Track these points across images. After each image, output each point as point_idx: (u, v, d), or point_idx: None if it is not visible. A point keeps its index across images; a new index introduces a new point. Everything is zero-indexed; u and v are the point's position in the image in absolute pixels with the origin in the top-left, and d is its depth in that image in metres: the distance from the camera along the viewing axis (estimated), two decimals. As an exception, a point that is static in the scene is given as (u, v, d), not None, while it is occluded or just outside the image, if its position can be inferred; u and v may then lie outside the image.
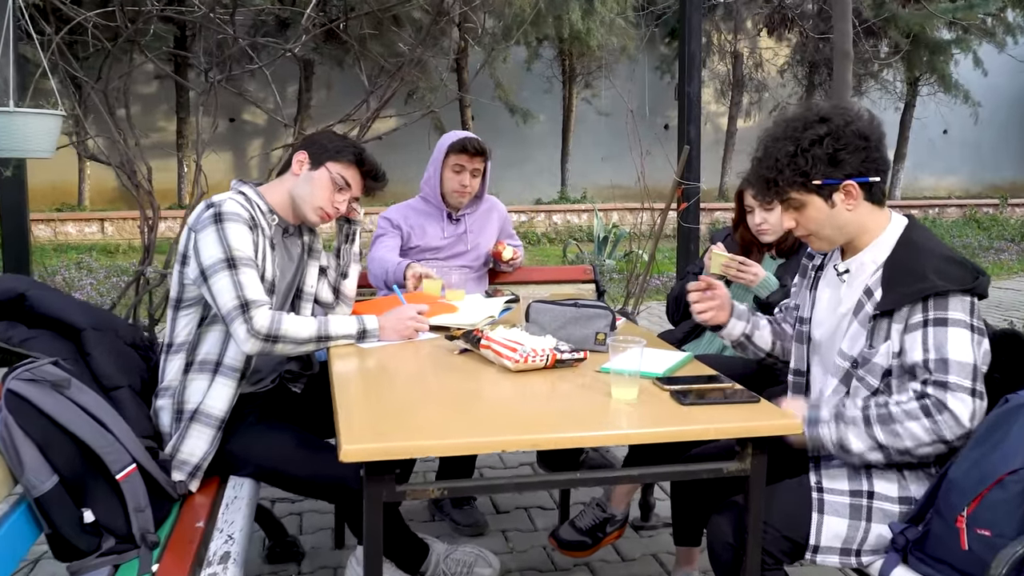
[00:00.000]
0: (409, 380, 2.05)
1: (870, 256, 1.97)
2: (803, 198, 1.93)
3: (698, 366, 2.24)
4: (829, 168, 1.89)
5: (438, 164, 3.38)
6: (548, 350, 2.12)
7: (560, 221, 13.60)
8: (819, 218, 1.95)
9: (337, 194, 2.47)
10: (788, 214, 1.99)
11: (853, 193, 1.91)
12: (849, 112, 1.93)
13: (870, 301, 1.93)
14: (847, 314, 2.00)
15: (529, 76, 15.99)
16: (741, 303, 2.37)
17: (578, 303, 2.35)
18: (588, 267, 4.02)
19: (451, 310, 2.67)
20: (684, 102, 4.63)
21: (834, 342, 2.04)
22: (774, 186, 1.94)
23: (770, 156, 1.93)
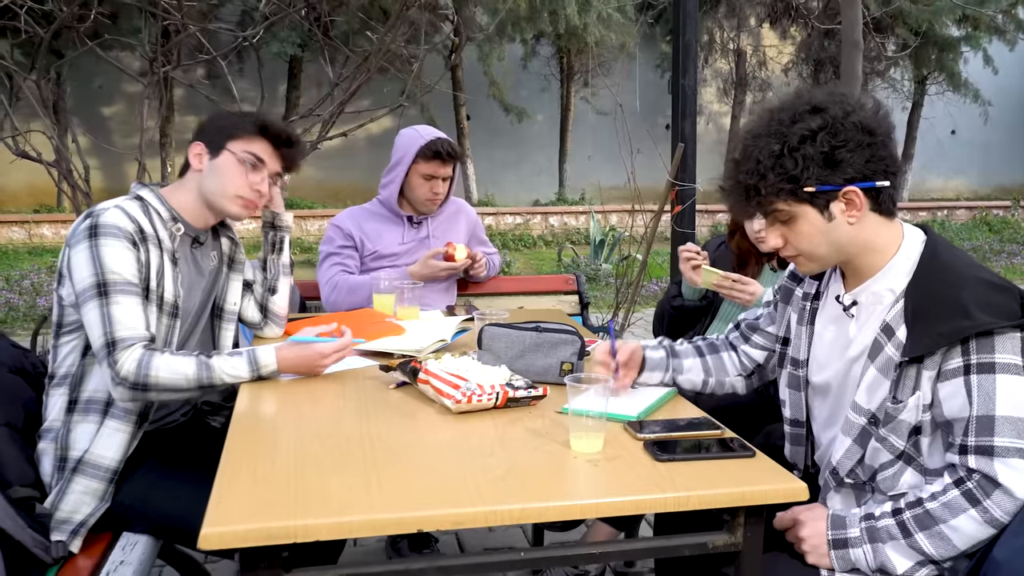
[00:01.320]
0: (323, 427, 1.68)
1: (884, 284, 1.59)
2: (792, 209, 1.55)
3: (682, 404, 1.87)
4: (824, 171, 1.51)
5: (403, 168, 3.00)
6: (498, 386, 1.76)
7: (557, 223, 13.24)
8: (813, 234, 1.57)
9: (252, 174, 2.11)
10: (774, 229, 1.62)
11: (856, 202, 1.53)
12: (849, 100, 1.55)
13: (891, 342, 1.55)
14: (860, 358, 1.62)
15: (526, 74, 15.64)
16: (727, 323, 2.02)
17: (540, 327, 1.98)
18: (570, 277, 3.65)
19: (397, 331, 2.30)
20: (678, 95, 4.27)
21: (844, 391, 1.67)
22: (755, 195, 1.56)
23: (750, 157, 1.55)
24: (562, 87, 16.14)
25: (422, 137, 2.98)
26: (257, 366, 1.94)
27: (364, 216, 3.10)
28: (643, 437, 1.58)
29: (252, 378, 1.95)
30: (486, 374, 1.84)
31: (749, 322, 1.96)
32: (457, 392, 1.72)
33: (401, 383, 1.93)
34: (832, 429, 1.72)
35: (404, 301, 2.56)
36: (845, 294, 1.65)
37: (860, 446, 1.59)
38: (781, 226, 1.60)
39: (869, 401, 1.58)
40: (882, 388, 1.55)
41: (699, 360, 1.95)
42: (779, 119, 1.55)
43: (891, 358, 1.54)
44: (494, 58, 14.36)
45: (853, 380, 1.63)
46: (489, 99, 15.22)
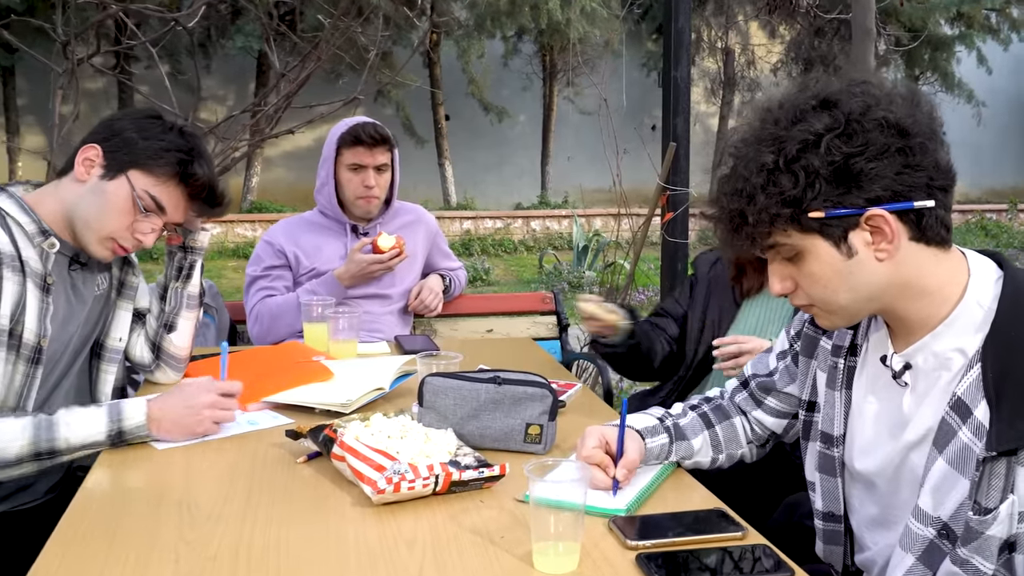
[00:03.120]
0: (190, 529, 1.23)
1: (949, 342, 1.14)
2: (797, 243, 1.13)
3: (683, 479, 1.43)
4: (836, 189, 1.08)
5: (330, 165, 2.56)
6: (438, 466, 1.31)
7: (539, 228, 12.80)
8: (827, 276, 1.14)
9: (141, 221, 1.66)
10: (779, 269, 1.19)
11: (885, 231, 1.09)
12: (872, 91, 1.11)
13: (967, 425, 1.10)
14: (921, 444, 1.18)
15: (507, 73, 15.23)
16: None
17: (499, 377, 1.53)
18: (548, 294, 3.21)
19: (323, 376, 1.85)
20: (670, 90, 3.83)
21: (898, 487, 1.23)
22: (743, 224, 1.14)
23: (736, 173, 1.14)
24: (544, 86, 15.73)
25: (345, 124, 2.54)
26: (119, 424, 1.48)
27: (301, 228, 2.65)
28: (636, 546, 1.14)
29: (111, 442, 1.49)
30: (426, 444, 1.39)
31: (761, 380, 1.51)
32: (380, 476, 1.27)
33: (314, 455, 1.48)
34: (884, 533, 1.28)
35: (339, 333, 2.10)
36: (894, 355, 1.21)
37: (928, 567, 1.15)
38: (786, 265, 1.17)
39: (938, 507, 1.13)
40: (957, 489, 1.11)
41: (707, 433, 1.51)
42: (776, 119, 1.12)
43: (969, 448, 1.10)
44: (473, 55, 13.92)
45: (912, 474, 1.19)
46: (469, 99, 14.79)
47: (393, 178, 2.66)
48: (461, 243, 11.56)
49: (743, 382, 1.55)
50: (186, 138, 1.71)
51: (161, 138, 1.68)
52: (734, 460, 1.54)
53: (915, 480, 1.18)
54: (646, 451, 1.41)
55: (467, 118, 15.23)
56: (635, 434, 1.41)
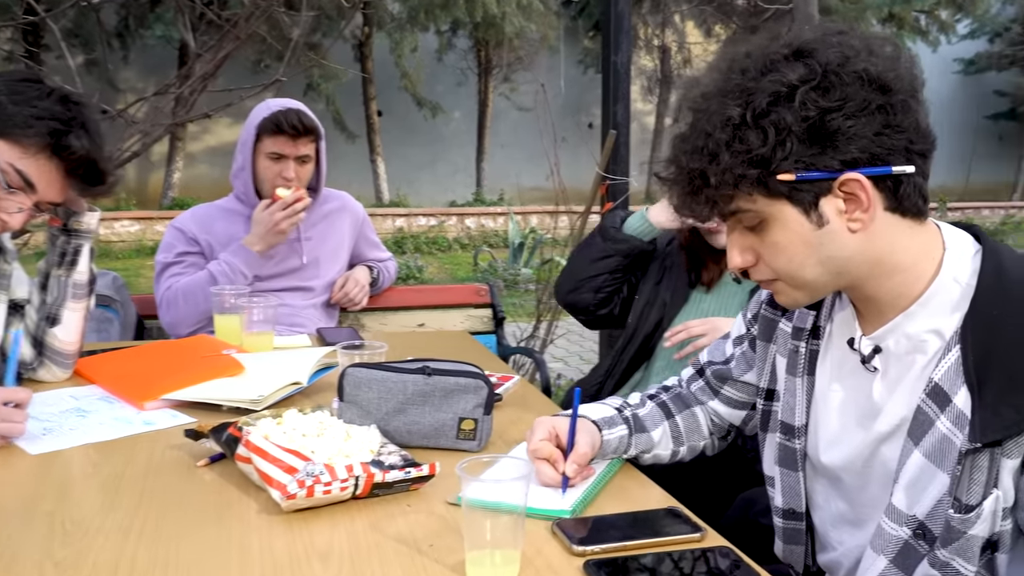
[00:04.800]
0: (62, 542, 1.06)
1: (924, 323, 1.04)
2: (762, 209, 1.02)
3: (631, 475, 1.31)
4: (810, 149, 0.97)
5: (248, 149, 2.39)
6: (359, 467, 1.16)
7: (474, 225, 12.67)
8: (794, 247, 1.03)
9: (6, 197, 1.47)
10: (739, 239, 1.08)
11: (861, 198, 0.99)
12: (850, 41, 1.00)
13: (946, 413, 1.01)
14: (894, 436, 1.08)
15: (442, 68, 15.08)
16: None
17: (429, 368, 1.39)
18: (483, 287, 3.07)
19: (232, 371, 1.68)
20: (609, 75, 3.74)
21: (868, 482, 1.13)
22: (704, 186, 1.02)
23: (697, 129, 1.02)
24: (480, 81, 15.62)
25: (268, 108, 2.37)
26: None
27: (213, 215, 2.47)
28: (584, 552, 1.02)
29: None
30: (346, 442, 1.25)
31: (717, 368, 1.41)
32: (291, 479, 1.12)
33: (217, 456, 1.32)
34: (852, 531, 1.18)
35: (253, 325, 1.94)
36: (862, 337, 1.12)
37: (902, 570, 1.05)
38: (748, 235, 1.06)
39: (914, 504, 1.04)
40: (935, 485, 1.02)
41: (667, 424, 1.40)
42: (743, 69, 1.00)
43: (948, 439, 1.00)
44: (406, 48, 13.72)
45: (883, 469, 1.09)
46: (402, 94, 14.59)
47: (319, 168, 2.51)
48: (393, 241, 11.36)
49: (699, 370, 1.44)
50: (67, 106, 1.52)
51: (34, 104, 1.48)
52: (696, 452, 1.43)
53: (887, 475, 1.09)
54: (603, 444, 1.29)
55: (400, 114, 15.02)
56: (591, 425, 1.29)
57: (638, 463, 1.37)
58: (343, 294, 2.59)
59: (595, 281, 2.11)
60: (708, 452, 1.45)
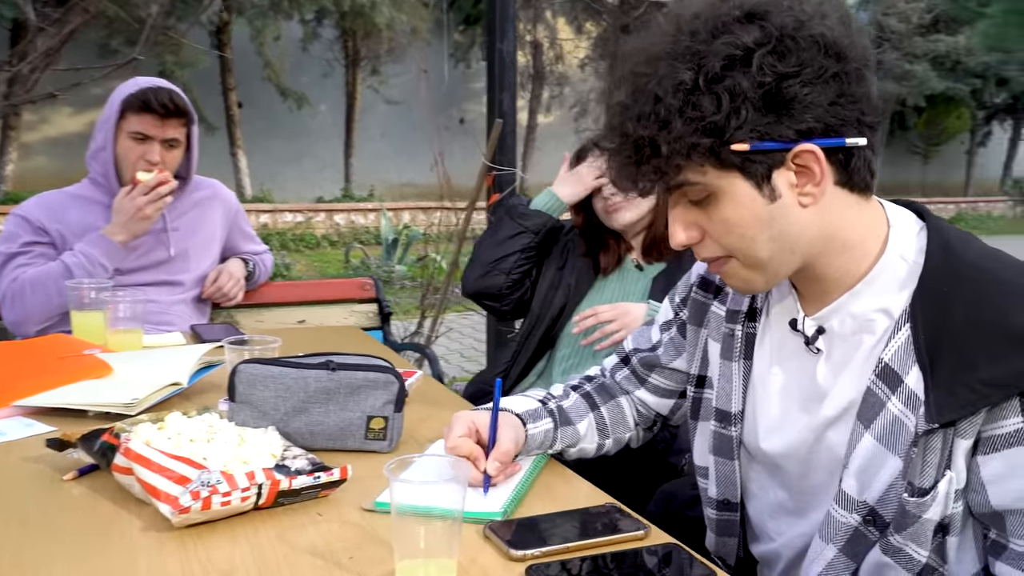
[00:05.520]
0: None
1: (870, 301, 1.02)
2: (711, 182, 0.97)
3: (557, 471, 1.25)
4: (765, 117, 0.93)
5: (109, 128, 2.18)
6: (261, 473, 1.04)
7: (343, 222, 12.38)
8: (745, 223, 0.98)
9: None
10: (683, 214, 1.02)
11: (814, 171, 0.96)
12: (802, 5, 0.96)
13: (897, 394, 0.99)
14: (842, 420, 1.05)
15: (307, 58, 14.68)
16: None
17: (332, 362, 1.28)
18: (367, 280, 2.95)
19: (98, 372, 1.51)
20: (495, 63, 3.68)
21: (813, 468, 1.10)
22: (651, 156, 0.96)
23: (645, 93, 0.96)
24: (347, 73, 15.30)
25: (136, 84, 2.18)
26: None
27: (65, 203, 2.24)
28: (524, 556, 0.94)
29: None
30: (241, 447, 1.13)
31: (644, 355, 1.36)
32: (183, 491, 0.99)
33: (87, 468, 1.16)
34: (791, 521, 1.15)
35: (118, 322, 1.76)
36: (805, 318, 1.09)
37: (851, 558, 1.03)
38: (692, 209, 1.01)
39: (864, 490, 1.01)
40: (886, 469, 1.00)
41: (592, 416, 1.34)
42: (693, 31, 0.95)
43: (900, 421, 0.98)
44: (269, 36, 13.27)
45: (829, 455, 1.07)
46: (264, 85, 14.10)
47: (189, 156, 2.32)
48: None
49: (623, 358, 1.39)
50: None
51: None
52: (621, 445, 1.38)
53: (833, 461, 1.06)
54: (528, 439, 1.22)
55: (262, 106, 14.51)
56: (514, 419, 1.21)
57: (563, 458, 1.31)
58: (216, 288, 2.41)
59: (506, 262, 2.05)
60: (633, 444, 1.40)
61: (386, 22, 13.11)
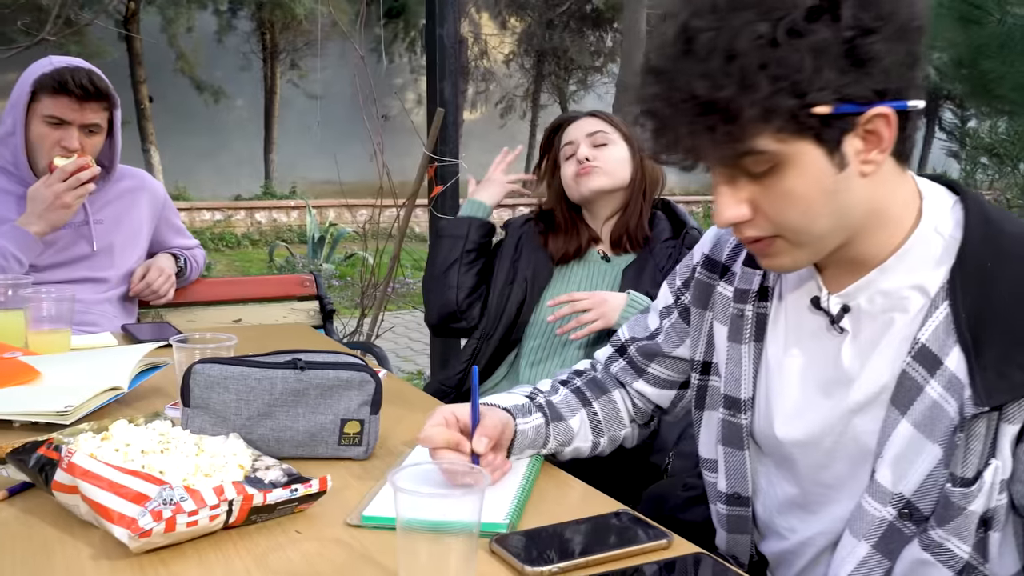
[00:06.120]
0: None
1: (903, 277, 0.95)
2: (784, 150, 0.87)
3: (554, 475, 1.15)
4: (846, 76, 0.84)
5: (20, 111, 2.00)
6: (231, 487, 0.92)
7: (265, 220, 12.04)
8: (810, 195, 0.89)
9: None
10: (735, 189, 0.92)
11: (882, 136, 0.88)
12: None
13: (936, 378, 0.92)
14: (872, 405, 0.98)
15: (222, 51, 14.26)
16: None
17: (300, 360, 1.16)
18: (307, 277, 2.80)
19: (23, 377, 1.35)
20: (435, 49, 3.57)
21: (836, 459, 1.03)
22: (725, 122, 0.84)
23: (713, 51, 0.83)
24: (265, 66, 14.91)
25: (51, 64, 2.00)
26: None
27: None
28: (540, 573, 0.85)
29: None
30: (201, 458, 1.00)
31: (642, 344, 1.28)
32: (142, 511, 0.86)
33: (18, 488, 1.02)
34: (805, 518, 1.08)
35: (42, 322, 1.59)
36: (828, 295, 1.02)
37: (886, 556, 0.97)
38: (748, 183, 0.91)
39: (900, 481, 0.95)
40: (924, 458, 0.93)
41: (584, 413, 1.25)
42: None
43: (940, 406, 0.92)
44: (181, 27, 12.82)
45: (857, 443, 1.00)
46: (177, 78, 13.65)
47: (112, 142, 2.15)
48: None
49: (619, 348, 1.31)
50: None
51: None
52: (616, 443, 1.30)
53: (859, 450, 0.99)
54: (518, 435, 1.12)
55: (174, 100, 14.05)
56: (500, 412, 1.12)
57: (556, 460, 1.22)
58: (144, 285, 2.24)
59: (449, 277, 1.98)
60: (628, 443, 1.32)
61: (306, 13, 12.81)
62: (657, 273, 1.83)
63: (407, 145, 6.90)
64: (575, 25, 16.06)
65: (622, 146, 1.89)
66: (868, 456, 0.98)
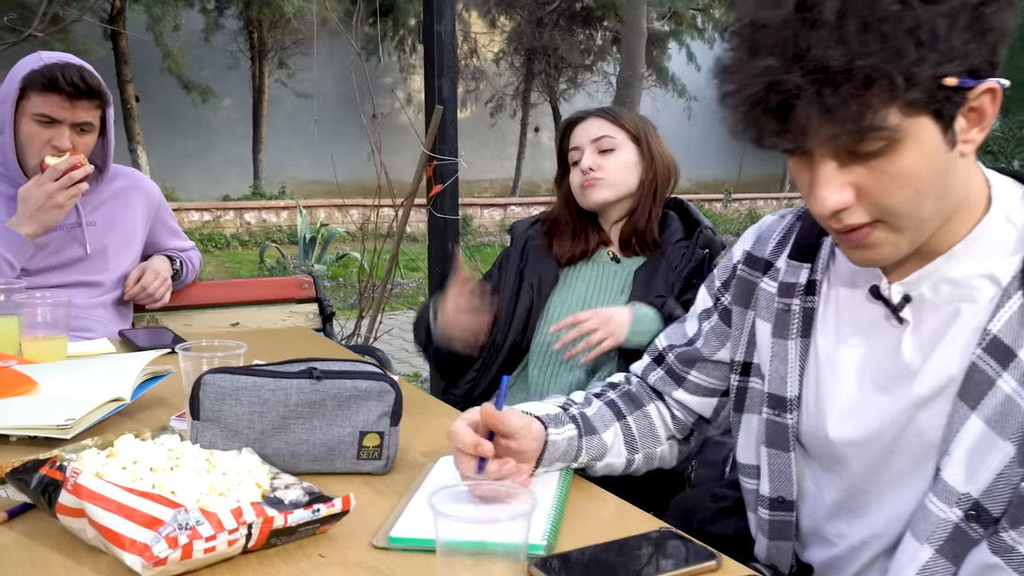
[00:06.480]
0: None
1: (973, 265, 0.91)
2: (903, 126, 0.80)
3: (585, 489, 1.10)
4: (968, 47, 0.78)
5: (8, 110, 1.94)
6: (250, 509, 0.86)
7: (254, 220, 11.93)
8: (924, 175, 0.83)
9: None
10: (839, 172, 0.85)
11: (987, 112, 0.84)
12: None
13: (1010, 370, 0.87)
14: (936, 398, 0.93)
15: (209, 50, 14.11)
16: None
17: (316, 369, 1.10)
18: (306, 278, 2.74)
19: (19, 387, 1.28)
20: (433, 46, 3.50)
21: (895, 457, 0.98)
22: (860, 92, 0.77)
23: (844, 14, 0.76)
24: (253, 66, 14.77)
25: (40, 60, 1.93)
26: None
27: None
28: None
29: None
30: (213, 475, 0.94)
31: (681, 351, 1.22)
32: (156, 537, 0.80)
33: (18, 509, 0.95)
34: (855, 522, 1.03)
35: (37, 328, 1.52)
36: (888, 285, 0.96)
37: (951, 561, 0.92)
38: (854, 165, 0.84)
39: (969, 480, 0.90)
40: (995, 456, 0.88)
41: (618, 427, 1.19)
42: None
43: (1013, 401, 0.87)
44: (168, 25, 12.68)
45: (919, 440, 0.95)
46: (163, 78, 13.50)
47: (106, 141, 2.09)
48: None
49: (656, 357, 1.25)
50: None
51: None
52: (652, 463, 1.24)
53: (922, 447, 0.95)
54: (549, 445, 1.07)
55: (161, 100, 13.90)
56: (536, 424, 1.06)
57: (585, 474, 1.16)
58: (139, 288, 2.18)
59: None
60: (666, 463, 1.26)
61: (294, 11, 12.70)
62: (671, 274, 1.78)
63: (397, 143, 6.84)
64: (565, 23, 15.99)
65: (629, 149, 1.84)
66: (931, 452, 0.94)
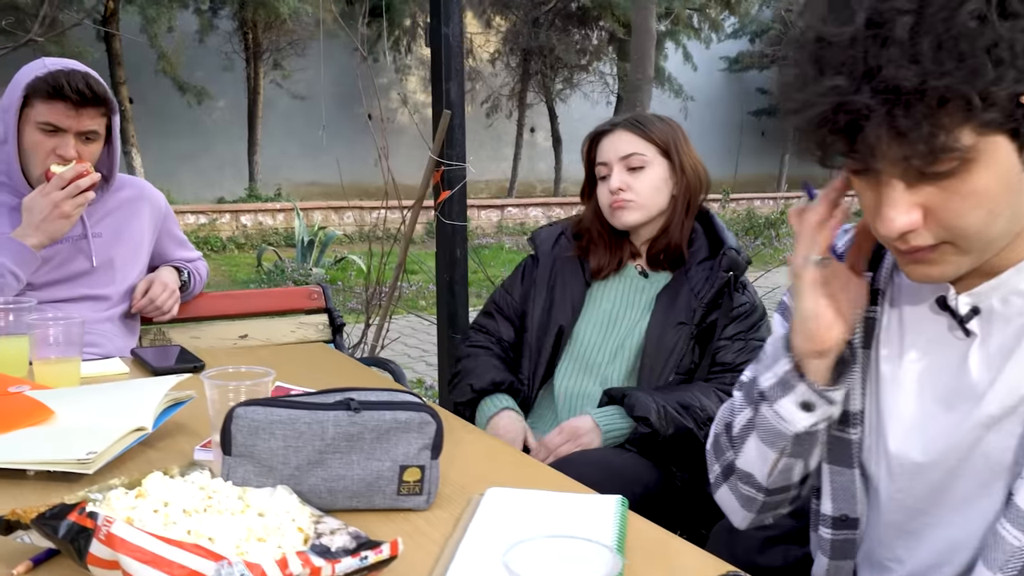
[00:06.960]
0: None
1: None
2: (976, 145, 0.76)
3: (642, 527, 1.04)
4: None
5: (11, 118, 1.87)
6: (296, 560, 0.79)
7: (250, 223, 11.85)
8: (997, 194, 0.79)
9: None
10: (909, 193, 0.81)
11: None
12: None
13: None
14: (1007, 417, 0.88)
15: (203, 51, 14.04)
16: None
17: (353, 400, 1.03)
18: (315, 288, 2.68)
19: (35, 417, 1.22)
20: (440, 49, 3.44)
21: (960, 477, 0.93)
22: (935, 112, 0.74)
23: (918, 32, 0.72)
24: (248, 67, 14.69)
25: (44, 67, 1.87)
26: None
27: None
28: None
29: None
30: (249, 517, 0.87)
31: None
32: (197, 594, 0.74)
33: (44, 556, 0.89)
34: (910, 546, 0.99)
35: (48, 350, 1.45)
36: (956, 296, 0.92)
37: None
38: (923, 186, 0.80)
39: None
40: None
41: None
42: None
43: None
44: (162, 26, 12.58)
45: (987, 462, 0.90)
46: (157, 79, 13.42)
47: (111, 150, 2.03)
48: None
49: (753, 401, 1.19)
50: None
51: None
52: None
53: (988, 469, 0.90)
54: None
55: (155, 102, 13.82)
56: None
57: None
58: (147, 301, 2.12)
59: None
60: None
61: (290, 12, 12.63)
62: (693, 299, 1.75)
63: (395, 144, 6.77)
64: (561, 23, 15.94)
65: (659, 165, 1.79)
66: (1000, 474, 0.90)
